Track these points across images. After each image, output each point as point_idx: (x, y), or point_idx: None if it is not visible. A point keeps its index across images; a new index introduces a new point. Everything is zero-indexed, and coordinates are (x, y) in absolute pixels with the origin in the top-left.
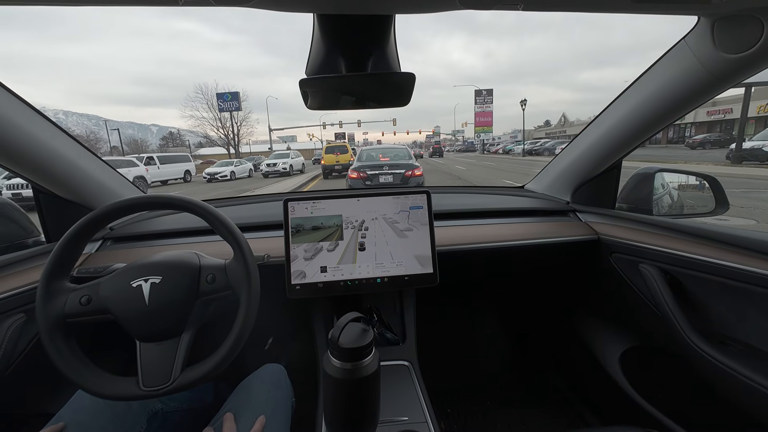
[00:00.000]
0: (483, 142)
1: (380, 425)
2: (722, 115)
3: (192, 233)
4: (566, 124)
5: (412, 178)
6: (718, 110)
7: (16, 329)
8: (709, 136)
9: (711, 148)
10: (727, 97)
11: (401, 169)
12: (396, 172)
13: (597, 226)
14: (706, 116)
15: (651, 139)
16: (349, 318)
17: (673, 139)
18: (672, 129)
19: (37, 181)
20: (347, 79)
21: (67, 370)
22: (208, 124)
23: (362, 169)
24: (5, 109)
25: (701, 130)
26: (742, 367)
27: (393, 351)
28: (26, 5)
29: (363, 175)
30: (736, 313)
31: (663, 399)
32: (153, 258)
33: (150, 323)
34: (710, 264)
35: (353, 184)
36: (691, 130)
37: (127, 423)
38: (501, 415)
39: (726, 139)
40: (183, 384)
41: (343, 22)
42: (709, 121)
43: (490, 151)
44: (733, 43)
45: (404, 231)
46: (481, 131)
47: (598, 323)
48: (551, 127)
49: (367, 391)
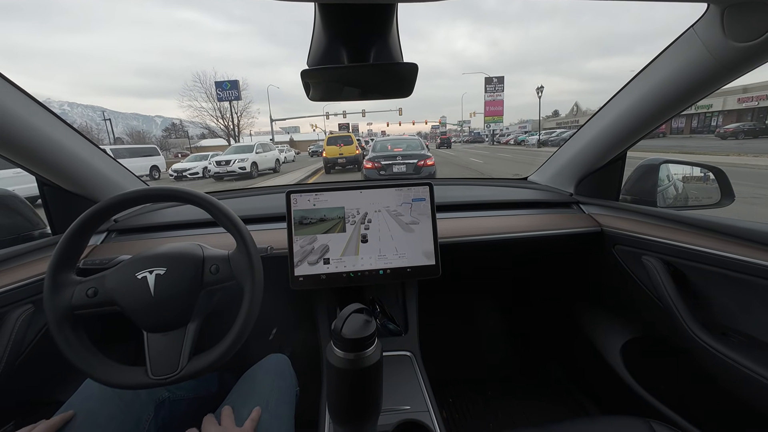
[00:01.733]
0: (493, 133)
1: (383, 414)
2: (755, 103)
3: (196, 225)
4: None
5: (425, 167)
6: (751, 97)
7: (25, 320)
8: (743, 125)
9: (745, 138)
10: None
11: (414, 159)
12: (409, 162)
13: (600, 218)
14: (736, 104)
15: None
16: (352, 309)
17: (697, 128)
18: (696, 118)
19: (43, 174)
20: (349, 70)
21: (76, 359)
22: (207, 115)
23: (376, 159)
24: (10, 103)
25: (730, 118)
26: (743, 358)
27: (395, 342)
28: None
29: (377, 165)
30: (738, 304)
31: (664, 390)
32: (157, 250)
33: (156, 314)
34: (714, 256)
35: (368, 174)
36: (718, 118)
37: (134, 411)
38: (502, 405)
39: (761, 128)
40: (190, 373)
41: (344, 12)
42: (739, 109)
43: (501, 141)
44: (743, 32)
45: (409, 224)
46: (491, 121)
47: (600, 314)
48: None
49: (370, 381)
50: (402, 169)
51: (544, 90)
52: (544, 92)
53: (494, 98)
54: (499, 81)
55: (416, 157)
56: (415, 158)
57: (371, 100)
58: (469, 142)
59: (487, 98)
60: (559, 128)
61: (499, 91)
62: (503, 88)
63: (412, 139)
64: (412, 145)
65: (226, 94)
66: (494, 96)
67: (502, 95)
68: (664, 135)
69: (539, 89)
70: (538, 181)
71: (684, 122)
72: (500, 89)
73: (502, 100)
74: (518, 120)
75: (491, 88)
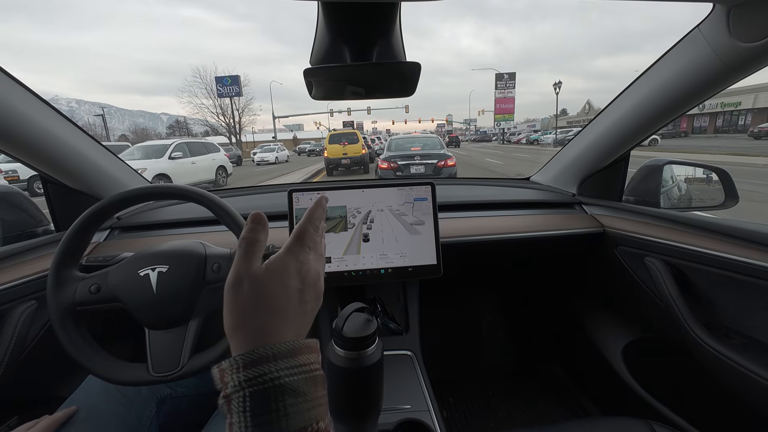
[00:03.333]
0: (503, 131)
1: (383, 413)
2: None
3: (198, 223)
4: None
5: (445, 168)
6: None
7: (28, 316)
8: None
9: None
10: None
11: (433, 159)
12: (428, 162)
13: (603, 219)
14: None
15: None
16: (353, 308)
17: (722, 127)
18: (721, 116)
19: (47, 172)
20: (352, 69)
21: (78, 355)
22: (207, 111)
23: (392, 159)
24: (15, 101)
25: (760, 117)
26: (745, 360)
27: (396, 341)
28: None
29: (394, 165)
30: (741, 306)
31: (665, 391)
32: (160, 247)
33: (158, 311)
34: (717, 257)
35: (383, 174)
36: (746, 117)
37: (136, 407)
38: (502, 404)
39: None
40: (191, 370)
41: (347, 11)
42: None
43: (511, 141)
44: (749, 32)
45: (414, 225)
46: (502, 119)
47: (602, 315)
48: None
49: (371, 380)
50: (420, 170)
51: (549, 89)
52: (548, 91)
53: (505, 95)
54: (511, 77)
55: (436, 157)
56: (434, 158)
57: (374, 99)
58: (476, 141)
59: (498, 95)
60: (574, 127)
61: (510, 88)
62: (514, 84)
63: (430, 137)
64: (430, 143)
65: (226, 90)
66: (505, 93)
67: (513, 92)
68: (686, 134)
69: (557, 84)
70: (541, 181)
71: (708, 121)
72: (511, 86)
73: (514, 97)
74: (524, 119)
75: (502, 85)
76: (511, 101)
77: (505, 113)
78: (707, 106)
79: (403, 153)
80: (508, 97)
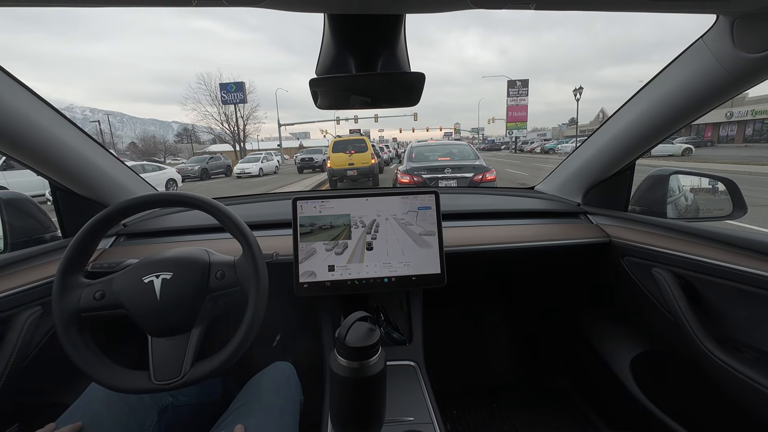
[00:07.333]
0: (516, 140)
1: (386, 425)
2: None
3: (202, 230)
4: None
5: (483, 182)
6: None
7: (33, 321)
8: None
9: None
10: None
11: (467, 171)
12: (460, 175)
13: (608, 229)
14: None
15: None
16: (356, 317)
17: (752, 136)
18: (751, 125)
19: (56, 179)
20: (357, 79)
21: (81, 362)
22: (212, 119)
23: (416, 172)
24: (27, 110)
25: None
26: (757, 374)
27: (399, 351)
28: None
29: (418, 179)
30: (752, 319)
31: (674, 405)
32: (164, 254)
33: (161, 318)
34: (726, 269)
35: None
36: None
37: (138, 415)
38: (507, 417)
39: None
40: (193, 378)
41: (353, 22)
42: None
43: (524, 150)
44: (753, 42)
45: (423, 236)
46: (514, 127)
47: (609, 327)
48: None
49: (373, 391)
50: (452, 185)
51: (555, 98)
52: (555, 100)
53: (517, 103)
54: (523, 84)
55: (470, 170)
56: (468, 171)
57: (378, 108)
58: (485, 150)
59: (510, 102)
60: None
61: (523, 95)
62: (527, 92)
63: (460, 144)
64: (461, 153)
65: (230, 97)
66: (517, 100)
67: (526, 100)
68: (712, 143)
69: (577, 90)
70: (546, 190)
71: (735, 129)
72: (524, 93)
73: (526, 105)
74: (532, 128)
75: (514, 92)
76: (524, 109)
77: (517, 121)
78: (735, 114)
79: (428, 164)
80: (521, 104)
